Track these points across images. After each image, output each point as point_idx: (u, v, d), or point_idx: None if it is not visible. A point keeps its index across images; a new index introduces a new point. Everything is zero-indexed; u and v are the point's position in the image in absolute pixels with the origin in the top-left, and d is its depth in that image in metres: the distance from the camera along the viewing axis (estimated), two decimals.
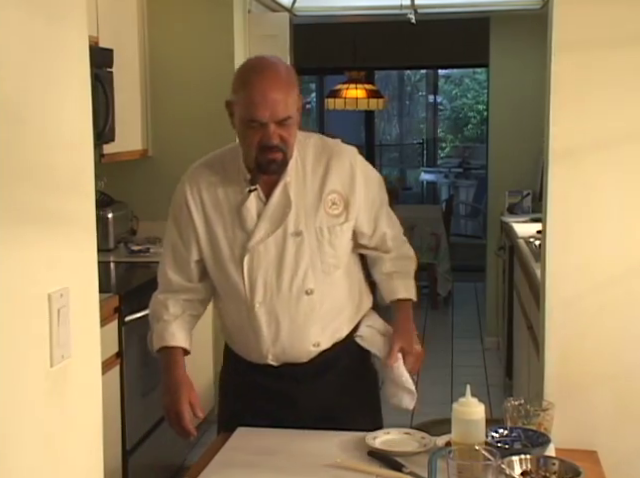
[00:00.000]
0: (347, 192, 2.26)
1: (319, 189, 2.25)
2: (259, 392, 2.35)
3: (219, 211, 2.27)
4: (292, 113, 2.16)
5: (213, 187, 2.29)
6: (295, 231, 2.22)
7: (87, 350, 1.55)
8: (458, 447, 1.76)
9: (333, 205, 2.25)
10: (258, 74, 2.18)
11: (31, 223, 1.35)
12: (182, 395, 2.37)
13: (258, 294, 2.24)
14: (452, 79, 14.10)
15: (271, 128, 2.13)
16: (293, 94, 2.18)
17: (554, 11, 2.06)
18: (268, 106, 2.12)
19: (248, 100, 2.16)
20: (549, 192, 2.13)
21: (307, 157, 2.27)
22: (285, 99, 2.14)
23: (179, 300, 2.39)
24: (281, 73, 2.18)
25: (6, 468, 1.30)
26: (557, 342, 2.15)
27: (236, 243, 2.24)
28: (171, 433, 2.49)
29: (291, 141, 2.19)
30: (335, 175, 2.26)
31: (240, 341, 2.38)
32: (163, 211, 4.75)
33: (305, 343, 2.28)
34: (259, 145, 2.16)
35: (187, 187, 2.34)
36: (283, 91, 2.14)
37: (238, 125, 2.21)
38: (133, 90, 4.56)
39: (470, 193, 12.06)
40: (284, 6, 5.52)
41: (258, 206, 2.24)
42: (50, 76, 1.41)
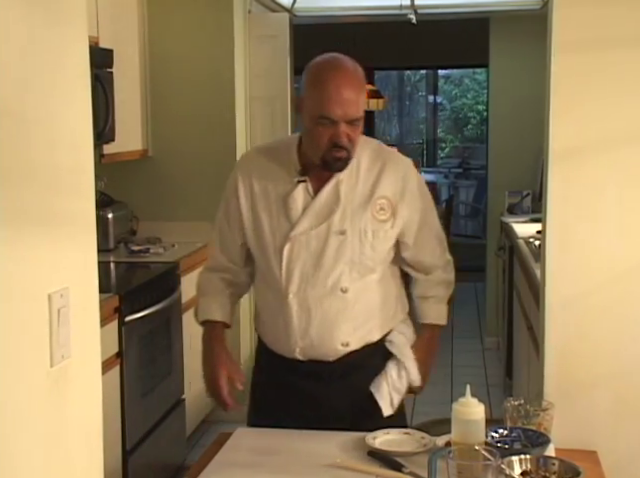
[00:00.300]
0: (397, 200, 2.28)
1: (370, 192, 2.27)
2: (285, 390, 2.36)
3: (267, 199, 2.30)
4: (362, 114, 2.19)
5: (264, 175, 2.31)
6: (339, 229, 2.24)
7: (87, 350, 1.55)
8: (458, 447, 1.76)
9: (381, 210, 2.27)
10: (333, 71, 2.18)
11: (31, 223, 1.35)
12: (221, 368, 2.41)
13: (293, 284, 2.26)
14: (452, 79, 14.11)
15: (341, 127, 2.15)
16: (364, 95, 2.21)
17: (554, 11, 2.06)
18: (342, 105, 2.13)
19: (322, 97, 2.15)
20: (549, 192, 2.13)
21: (362, 159, 2.29)
22: (357, 99, 2.16)
23: (224, 278, 2.48)
24: (355, 73, 2.20)
25: (6, 468, 1.30)
26: (557, 342, 2.15)
27: (279, 232, 2.27)
28: (171, 433, 2.49)
29: (357, 141, 2.22)
30: (387, 182, 2.28)
31: (271, 331, 2.40)
32: (163, 211, 4.81)
33: (334, 341, 2.28)
34: (329, 143, 2.17)
35: (239, 174, 2.35)
36: (356, 91, 2.16)
37: (307, 121, 2.21)
38: (133, 90, 4.56)
39: (470, 193, 12.07)
40: (284, 6, 5.52)
41: (305, 199, 2.26)
42: (50, 76, 1.41)
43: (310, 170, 2.26)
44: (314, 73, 2.22)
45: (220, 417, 4.80)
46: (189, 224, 4.77)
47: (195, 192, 4.77)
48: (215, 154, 4.74)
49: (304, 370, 2.32)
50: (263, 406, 2.45)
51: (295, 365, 2.33)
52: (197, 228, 4.75)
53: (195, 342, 4.47)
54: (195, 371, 4.48)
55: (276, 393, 2.39)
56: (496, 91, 6.38)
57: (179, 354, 4.16)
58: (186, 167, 4.79)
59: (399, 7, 5.60)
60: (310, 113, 2.18)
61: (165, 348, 3.99)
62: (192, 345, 4.39)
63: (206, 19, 4.69)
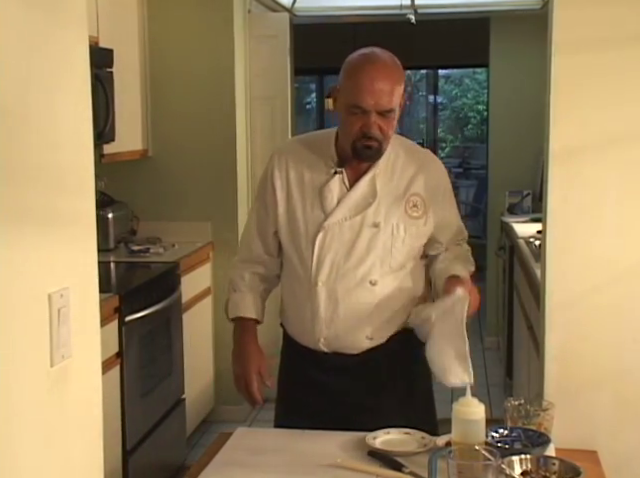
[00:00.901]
0: (430, 200, 2.32)
1: (405, 188, 2.31)
2: (309, 388, 2.38)
3: (302, 188, 2.34)
4: (395, 106, 2.22)
5: (300, 164, 2.36)
6: (373, 222, 2.28)
7: (87, 350, 1.55)
8: (458, 447, 1.76)
9: (414, 207, 2.31)
10: (370, 63, 2.23)
11: (31, 223, 1.35)
12: (252, 364, 2.45)
13: (323, 273, 2.29)
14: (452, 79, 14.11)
15: (372, 117, 2.19)
16: (399, 88, 2.23)
17: (554, 11, 2.06)
18: (374, 95, 2.18)
19: (355, 86, 2.20)
20: (549, 192, 2.13)
21: (399, 155, 2.34)
22: (391, 91, 2.20)
23: (256, 273, 2.48)
24: (391, 66, 2.24)
25: (6, 468, 1.30)
26: (557, 342, 2.15)
27: (313, 221, 2.30)
28: (171, 433, 2.49)
29: (389, 134, 2.25)
30: (423, 180, 2.32)
31: (297, 321, 2.41)
32: (163, 211, 4.81)
33: (359, 333, 2.30)
34: (360, 132, 2.22)
35: (276, 161, 2.39)
36: (390, 83, 2.20)
37: (341, 111, 2.27)
38: (133, 90, 4.56)
39: (470, 193, 12.05)
40: (284, 6, 5.52)
41: (340, 190, 2.30)
42: (50, 76, 1.41)
43: (347, 162, 2.31)
44: (351, 64, 2.27)
45: (220, 417, 4.81)
46: (189, 224, 4.77)
47: (195, 192, 4.77)
48: (215, 154, 4.74)
49: (327, 364, 2.34)
50: (289, 405, 2.46)
51: (319, 358, 2.34)
52: (197, 228, 4.75)
53: (195, 342, 4.48)
54: (195, 371, 4.49)
55: (301, 392, 2.41)
56: (496, 91, 6.38)
57: (179, 354, 4.16)
58: (186, 167, 4.79)
59: (399, 7, 5.60)
60: (344, 103, 2.24)
61: (165, 348, 3.99)
62: (192, 345, 4.39)
63: (206, 19, 4.69)
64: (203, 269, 4.66)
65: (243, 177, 4.89)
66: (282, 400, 2.52)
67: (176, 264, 4.21)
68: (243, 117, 4.89)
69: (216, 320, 4.82)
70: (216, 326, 4.83)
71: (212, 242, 4.78)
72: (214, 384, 4.86)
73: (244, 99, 4.91)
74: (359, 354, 2.32)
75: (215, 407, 4.86)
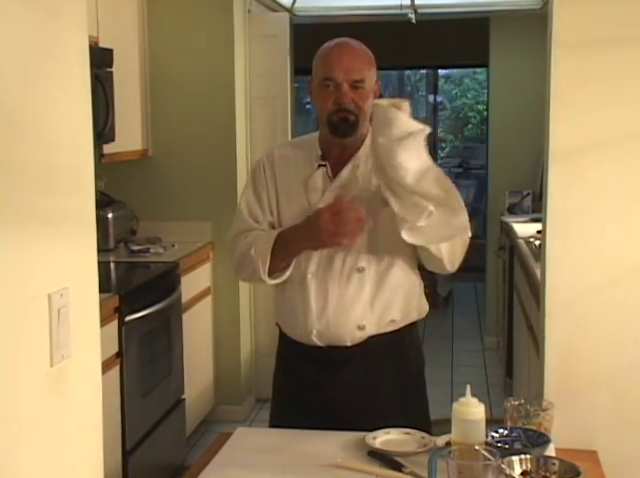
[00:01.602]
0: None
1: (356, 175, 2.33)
2: (304, 386, 2.38)
3: (289, 183, 2.39)
4: (366, 80, 2.28)
5: (286, 161, 2.42)
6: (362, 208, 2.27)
7: (87, 350, 1.55)
8: (458, 447, 1.76)
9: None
10: (338, 45, 2.34)
11: (31, 223, 1.35)
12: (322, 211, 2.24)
13: (312, 265, 2.32)
14: (452, 79, 14.10)
15: (344, 88, 2.26)
16: (369, 68, 2.31)
17: (554, 11, 2.06)
18: (343, 65, 2.26)
19: (326, 62, 2.30)
20: (549, 192, 2.13)
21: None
22: (361, 66, 2.29)
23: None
24: (360, 47, 2.34)
25: (6, 468, 1.30)
26: (557, 342, 2.15)
27: (299, 214, 2.32)
28: (171, 433, 2.49)
29: (364, 108, 2.28)
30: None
31: (289, 316, 2.41)
32: (163, 211, 4.81)
33: (350, 322, 2.30)
34: (334, 106, 2.27)
35: (265, 160, 2.45)
36: (360, 59, 2.30)
37: (316, 92, 2.33)
38: (133, 90, 4.56)
39: (470, 193, 12.04)
40: (284, 6, 5.52)
41: (325, 182, 2.35)
42: (50, 76, 1.41)
43: (330, 156, 2.35)
44: (321, 50, 2.36)
45: (220, 417, 4.81)
46: (189, 224, 4.77)
47: (195, 192, 4.77)
48: (215, 154, 4.74)
49: (323, 359, 2.34)
50: (284, 406, 2.46)
51: (314, 354, 2.34)
52: (197, 228, 4.75)
53: (195, 342, 4.48)
54: (195, 371, 4.49)
55: (296, 391, 2.41)
56: (496, 91, 6.38)
57: (179, 354, 4.16)
58: (186, 167, 4.79)
59: (399, 7, 5.59)
60: (316, 81, 2.32)
61: (165, 348, 3.99)
62: (192, 345, 4.39)
63: (206, 19, 4.69)
64: (203, 269, 4.66)
65: (243, 177, 4.89)
66: (277, 400, 2.52)
67: (176, 264, 4.21)
68: (243, 117, 4.90)
69: (216, 320, 4.82)
70: (216, 326, 4.83)
71: (212, 242, 4.78)
72: (214, 384, 4.86)
73: (244, 99, 4.91)
74: (352, 347, 2.32)
75: (215, 407, 4.86)
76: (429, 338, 6.73)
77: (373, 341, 2.32)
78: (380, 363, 2.36)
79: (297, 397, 2.41)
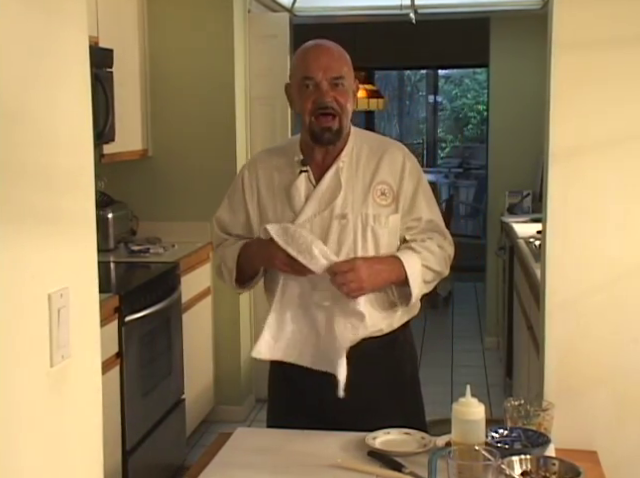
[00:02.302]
0: (397, 185, 2.33)
1: (370, 178, 2.32)
2: (299, 389, 2.38)
3: (272, 191, 2.37)
4: (345, 77, 2.27)
5: (269, 170, 2.40)
6: (341, 213, 2.29)
7: (87, 350, 1.55)
8: (458, 447, 1.76)
9: (382, 195, 2.31)
10: (314, 46, 2.34)
11: (31, 223, 1.35)
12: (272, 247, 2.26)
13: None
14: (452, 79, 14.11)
15: (324, 86, 2.24)
16: (347, 65, 2.30)
17: (554, 11, 2.06)
18: (322, 64, 2.24)
19: (303, 62, 2.30)
20: (549, 192, 2.13)
21: (363, 149, 2.36)
22: (339, 63, 2.28)
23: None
24: (336, 47, 2.32)
25: (6, 468, 1.30)
26: (557, 342, 2.15)
27: (284, 221, 2.30)
28: (171, 433, 2.48)
29: (346, 107, 2.28)
30: (387, 167, 2.33)
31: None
32: (163, 211, 4.81)
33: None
34: (314, 106, 2.26)
35: (246, 172, 2.44)
36: (337, 59, 2.29)
37: (295, 94, 2.32)
38: (133, 90, 4.56)
39: (470, 193, 12.05)
40: (284, 6, 5.52)
41: (307, 188, 2.33)
42: (50, 76, 1.41)
43: (312, 161, 2.33)
44: (297, 53, 2.36)
45: (220, 417, 4.81)
46: (189, 224, 4.77)
47: (195, 192, 4.77)
48: (215, 154, 4.74)
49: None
50: (279, 409, 2.46)
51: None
52: (197, 228, 4.75)
53: (195, 343, 4.48)
54: (195, 371, 4.49)
55: (292, 395, 2.40)
56: (496, 91, 6.38)
57: (179, 354, 4.16)
58: (186, 167, 4.79)
59: (399, 7, 5.60)
60: (295, 83, 2.31)
61: (165, 348, 3.99)
62: (192, 345, 4.39)
63: (206, 19, 4.69)
64: (203, 269, 4.66)
65: None
66: (273, 402, 2.52)
67: (176, 264, 4.21)
68: (243, 117, 4.90)
69: (216, 320, 4.82)
70: (216, 326, 4.83)
71: (212, 242, 4.77)
72: (214, 384, 4.86)
73: (244, 99, 4.91)
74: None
75: (215, 407, 4.86)
76: (429, 338, 6.73)
77: (367, 343, 2.31)
78: (375, 363, 2.36)
79: (293, 399, 2.40)
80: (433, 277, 2.35)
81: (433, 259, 2.33)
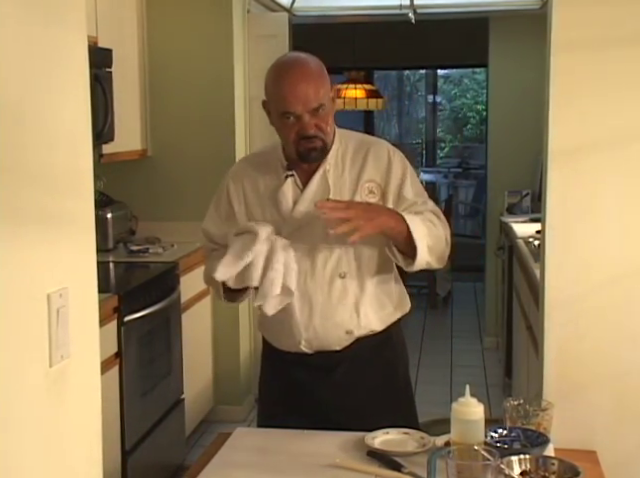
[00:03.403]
0: (384, 181, 2.31)
1: (357, 177, 2.31)
2: (292, 389, 2.37)
3: (259, 199, 2.35)
4: (325, 101, 2.23)
5: (254, 177, 2.37)
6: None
7: (86, 350, 1.55)
8: (457, 447, 1.76)
9: (370, 193, 2.30)
10: (287, 69, 2.27)
11: (30, 223, 1.35)
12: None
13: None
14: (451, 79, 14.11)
15: (306, 118, 2.21)
16: (324, 84, 2.25)
17: (553, 11, 2.06)
18: (300, 98, 2.20)
19: (280, 95, 2.24)
20: (548, 192, 2.13)
21: (348, 149, 2.35)
22: (316, 89, 2.22)
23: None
24: (309, 65, 2.27)
25: (6, 468, 1.30)
26: (556, 342, 2.15)
27: (273, 227, 2.26)
28: (170, 433, 2.48)
29: (328, 129, 2.26)
30: (372, 164, 2.32)
31: (274, 329, 2.39)
32: (162, 211, 4.81)
33: (337, 328, 2.30)
34: (297, 137, 2.24)
35: (230, 182, 2.41)
36: (313, 82, 2.23)
37: (275, 121, 2.31)
38: (132, 90, 4.56)
39: (469, 193, 12.06)
40: (283, 6, 5.52)
41: (295, 192, 2.31)
42: (49, 76, 1.41)
43: (297, 165, 2.31)
44: (270, 75, 2.31)
45: (219, 417, 4.81)
46: (188, 224, 4.76)
47: (194, 192, 4.76)
48: (214, 154, 4.74)
49: (312, 363, 2.33)
50: (270, 408, 2.45)
51: (302, 359, 2.34)
52: (196, 228, 4.68)
53: (195, 343, 4.48)
54: (194, 371, 4.49)
55: (284, 394, 2.39)
56: (496, 91, 6.38)
57: (178, 354, 4.16)
58: (185, 167, 4.79)
59: (399, 7, 5.60)
60: (275, 113, 2.29)
61: (164, 348, 3.99)
62: (191, 345, 4.39)
63: (205, 19, 4.69)
64: (202, 269, 4.65)
65: None
66: (265, 405, 2.50)
67: (175, 264, 4.21)
68: (242, 117, 4.89)
69: (215, 320, 4.82)
70: (215, 326, 4.83)
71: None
72: (213, 384, 4.86)
73: (243, 99, 4.91)
74: (340, 351, 2.32)
75: (214, 407, 4.86)
76: (428, 338, 6.73)
77: (360, 343, 2.32)
78: (369, 363, 2.36)
79: (285, 401, 2.39)
80: (435, 243, 2.25)
81: (433, 223, 2.28)
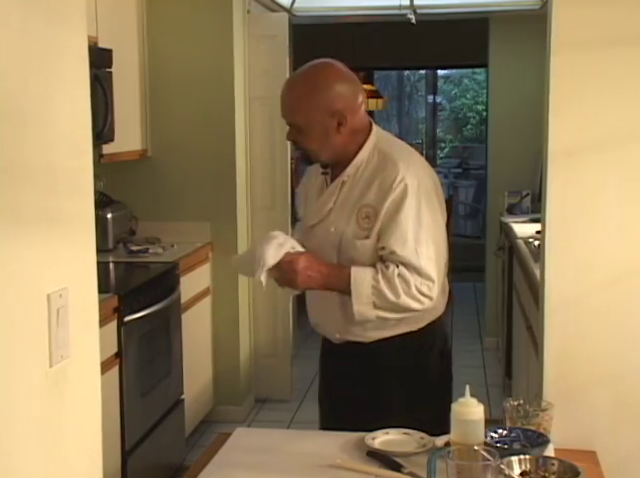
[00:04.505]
0: (380, 206, 2.25)
1: (359, 197, 2.30)
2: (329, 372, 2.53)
3: (309, 191, 2.51)
4: (301, 124, 2.27)
5: (315, 170, 2.48)
6: (330, 229, 2.34)
7: (86, 350, 1.55)
8: (457, 447, 1.76)
9: (366, 218, 2.27)
10: (293, 75, 2.44)
11: (30, 223, 1.35)
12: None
13: None
14: (451, 79, 14.12)
15: (290, 127, 2.32)
16: (308, 106, 2.25)
17: (553, 11, 2.06)
18: (283, 106, 2.31)
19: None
20: (548, 192, 2.13)
21: (371, 161, 2.33)
22: (295, 106, 2.27)
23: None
24: (305, 83, 2.29)
25: (5, 468, 1.30)
26: (556, 342, 2.15)
27: (310, 214, 2.46)
28: (170, 433, 2.48)
29: (311, 148, 2.31)
30: (376, 188, 2.27)
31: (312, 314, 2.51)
32: (162, 211, 4.82)
33: (332, 328, 2.40)
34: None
35: (312, 169, 2.54)
36: (296, 98, 2.27)
37: None
38: (132, 90, 4.55)
39: (469, 193, 12.07)
40: (283, 6, 5.52)
41: (322, 188, 2.42)
42: (49, 76, 1.41)
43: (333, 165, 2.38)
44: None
45: (219, 417, 4.81)
46: (188, 224, 4.77)
47: (194, 192, 4.77)
48: (214, 154, 4.74)
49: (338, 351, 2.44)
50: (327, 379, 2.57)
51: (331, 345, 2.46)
52: (196, 228, 4.75)
53: (194, 342, 4.48)
54: (194, 371, 4.49)
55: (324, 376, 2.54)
56: (496, 91, 6.38)
57: (178, 354, 4.16)
58: (185, 167, 4.79)
59: (398, 7, 5.60)
60: None
61: (164, 348, 3.99)
62: (191, 345, 4.39)
63: (205, 19, 4.69)
64: (202, 269, 4.66)
65: (242, 177, 4.89)
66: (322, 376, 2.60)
67: (175, 264, 4.21)
68: (242, 117, 4.90)
69: (215, 320, 4.82)
70: (215, 326, 4.83)
71: (211, 242, 4.78)
72: (213, 384, 4.86)
73: (243, 99, 4.91)
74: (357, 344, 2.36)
75: (214, 407, 4.86)
76: None
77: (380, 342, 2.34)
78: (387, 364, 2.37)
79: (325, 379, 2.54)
80: (386, 304, 2.23)
81: (388, 289, 2.22)
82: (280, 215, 5.06)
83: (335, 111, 2.25)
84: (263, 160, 5.05)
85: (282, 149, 5.04)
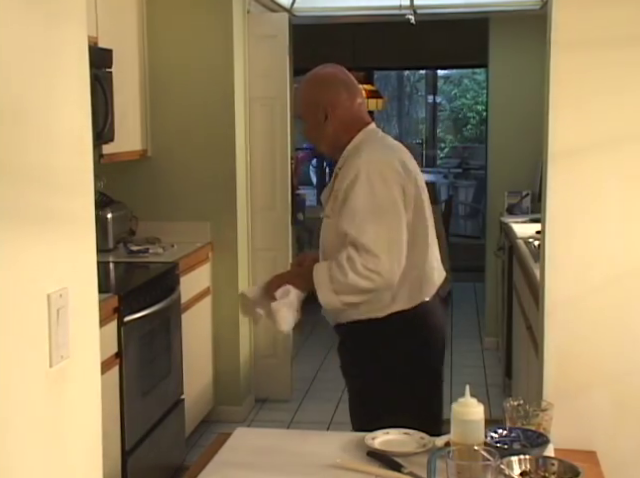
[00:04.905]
0: (339, 192, 2.50)
1: (333, 184, 2.58)
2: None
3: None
4: (304, 116, 2.62)
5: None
6: (326, 214, 2.58)
7: (86, 350, 1.55)
8: (457, 447, 1.76)
9: (336, 201, 2.50)
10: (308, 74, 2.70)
11: (30, 223, 1.35)
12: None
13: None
14: (451, 79, 14.13)
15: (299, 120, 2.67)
16: (305, 104, 2.61)
17: (553, 11, 2.06)
18: (294, 104, 2.77)
19: None
20: (548, 192, 2.13)
21: (352, 153, 2.56)
22: (300, 101, 2.64)
23: None
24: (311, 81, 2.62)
25: (5, 468, 1.30)
26: (556, 342, 2.15)
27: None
28: (170, 433, 2.48)
29: (311, 138, 2.67)
30: (341, 176, 2.53)
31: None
32: (162, 211, 4.82)
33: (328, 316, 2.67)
34: None
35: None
36: (302, 95, 2.63)
37: None
38: (132, 90, 4.55)
39: (469, 193, 12.07)
40: (283, 6, 5.52)
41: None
42: (49, 76, 1.41)
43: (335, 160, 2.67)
44: None
45: (219, 417, 4.81)
46: (188, 224, 4.77)
47: (194, 192, 4.77)
48: (214, 154, 4.74)
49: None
50: None
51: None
52: (196, 228, 4.75)
53: (194, 342, 4.48)
54: (194, 371, 4.49)
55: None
56: (496, 91, 6.38)
57: (178, 354, 4.16)
58: (185, 167, 4.79)
59: (398, 7, 5.60)
60: None
61: (164, 348, 3.99)
62: (191, 345, 4.39)
63: (205, 19, 4.69)
64: (202, 269, 4.66)
65: (242, 177, 4.89)
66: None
67: (175, 264, 4.21)
68: (242, 117, 4.89)
69: (215, 320, 4.82)
70: (215, 326, 4.83)
71: (211, 242, 4.78)
72: (213, 384, 4.86)
73: (243, 99, 4.91)
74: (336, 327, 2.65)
75: (214, 407, 4.86)
76: None
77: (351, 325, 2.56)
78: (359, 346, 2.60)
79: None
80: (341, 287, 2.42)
81: (338, 271, 2.40)
82: (280, 215, 5.06)
83: (319, 104, 2.56)
84: (263, 160, 5.04)
85: (282, 149, 5.04)
